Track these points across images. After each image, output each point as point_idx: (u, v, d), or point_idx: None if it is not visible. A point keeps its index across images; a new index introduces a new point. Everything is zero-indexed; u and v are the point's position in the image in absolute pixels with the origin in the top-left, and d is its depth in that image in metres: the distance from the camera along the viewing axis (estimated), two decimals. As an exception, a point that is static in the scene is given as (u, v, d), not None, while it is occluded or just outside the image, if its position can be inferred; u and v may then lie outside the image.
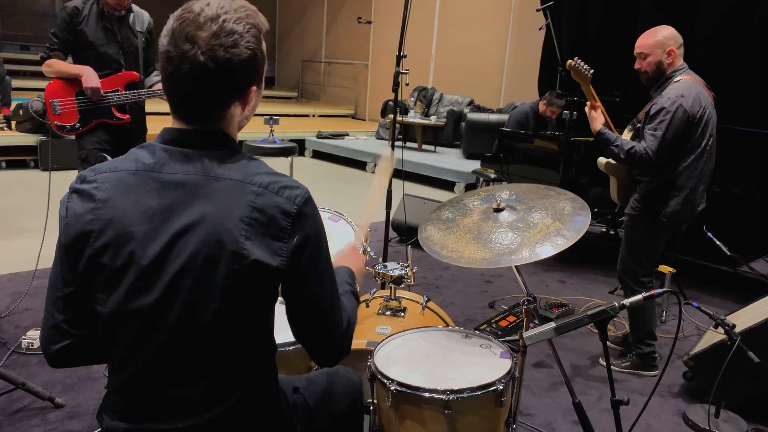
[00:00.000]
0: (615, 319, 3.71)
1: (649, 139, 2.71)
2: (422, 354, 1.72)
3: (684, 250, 4.11)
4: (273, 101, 12.77)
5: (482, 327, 3.31)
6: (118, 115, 3.33)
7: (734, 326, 2.63)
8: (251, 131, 8.75)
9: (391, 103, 10.22)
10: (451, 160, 8.14)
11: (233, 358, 1.12)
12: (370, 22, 11.63)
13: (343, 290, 1.32)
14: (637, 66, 2.89)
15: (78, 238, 1.09)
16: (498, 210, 1.81)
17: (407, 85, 3.12)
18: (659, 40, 2.81)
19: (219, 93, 1.11)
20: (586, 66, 2.86)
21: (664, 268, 3.56)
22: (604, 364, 1.65)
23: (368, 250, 1.73)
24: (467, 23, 10.05)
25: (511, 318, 3.44)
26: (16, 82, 8.75)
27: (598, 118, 2.90)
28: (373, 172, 1.68)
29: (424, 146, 9.00)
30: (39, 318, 3.17)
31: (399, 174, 3.70)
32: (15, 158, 6.96)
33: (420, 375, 1.59)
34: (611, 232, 5.65)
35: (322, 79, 13.48)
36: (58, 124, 3.22)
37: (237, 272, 1.06)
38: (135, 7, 3.42)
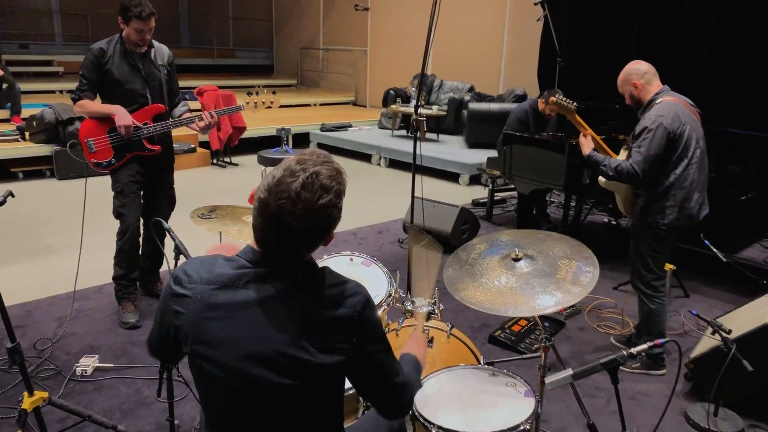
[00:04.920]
0: (619, 316, 3.97)
1: (635, 155, 3.01)
2: (455, 396, 1.94)
3: (681, 239, 4.33)
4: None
5: (497, 333, 3.56)
6: (149, 146, 3.52)
7: (730, 331, 2.87)
8: (261, 128, 8.84)
9: (392, 92, 10.33)
10: (454, 151, 8.32)
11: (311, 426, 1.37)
12: (367, 9, 11.70)
13: (408, 369, 1.56)
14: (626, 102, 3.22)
15: (194, 331, 1.31)
16: (516, 260, 2.03)
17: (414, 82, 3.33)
18: (623, 78, 3.16)
19: (311, 244, 1.32)
20: (568, 100, 3.20)
21: (666, 266, 3.79)
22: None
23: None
24: (464, 8, 10.11)
25: (523, 322, 3.70)
26: (20, 85, 8.81)
27: (587, 144, 3.23)
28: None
29: (428, 134, 9.16)
30: (86, 343, 3.41)
31: (408, 167, 3.85)
32: (31, 168, 7.13)
33: (456, 417, 1.83)
34: (613, 222, 5.88)
35: (321, 66, 13.55)
36: (95, 161, 3.42)
37: (306, 375, 1.28)
38: (155, 43, 3.57)
